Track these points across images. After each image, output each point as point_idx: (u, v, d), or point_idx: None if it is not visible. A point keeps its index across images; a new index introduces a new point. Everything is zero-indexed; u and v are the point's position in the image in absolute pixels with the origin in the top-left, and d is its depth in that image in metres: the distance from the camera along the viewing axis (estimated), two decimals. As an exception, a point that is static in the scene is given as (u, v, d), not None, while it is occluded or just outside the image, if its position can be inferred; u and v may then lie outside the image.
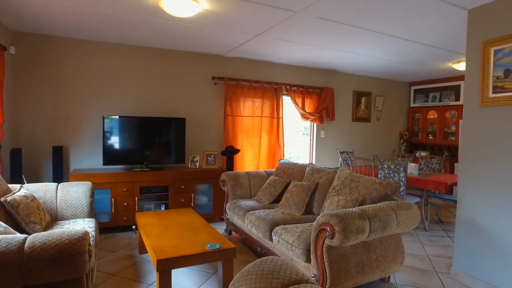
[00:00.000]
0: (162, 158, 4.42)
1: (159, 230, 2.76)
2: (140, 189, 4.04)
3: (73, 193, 3.00)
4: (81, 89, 4.18)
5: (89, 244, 1.82)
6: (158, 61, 4.57)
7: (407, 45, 4.07)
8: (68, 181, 3.87)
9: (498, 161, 2.63)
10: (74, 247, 1.70)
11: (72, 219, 2.92)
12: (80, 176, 3.71)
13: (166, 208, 4.20)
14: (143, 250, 3.28)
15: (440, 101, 6.52)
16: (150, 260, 3.17)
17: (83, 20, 3.41)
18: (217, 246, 2.38)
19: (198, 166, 4.59)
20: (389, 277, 2.81)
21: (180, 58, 4.70)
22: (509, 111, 2.55)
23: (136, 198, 4.01)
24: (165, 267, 2.19)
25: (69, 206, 2.95)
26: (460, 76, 5.93)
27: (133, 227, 3.98)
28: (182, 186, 4.26)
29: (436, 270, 3.08)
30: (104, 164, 4.09)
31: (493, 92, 2.61)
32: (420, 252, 3.54)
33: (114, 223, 3.93)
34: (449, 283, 2.83)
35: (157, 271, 2.17)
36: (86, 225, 2.69)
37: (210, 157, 4.66)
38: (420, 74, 6.18)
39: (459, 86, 6.12)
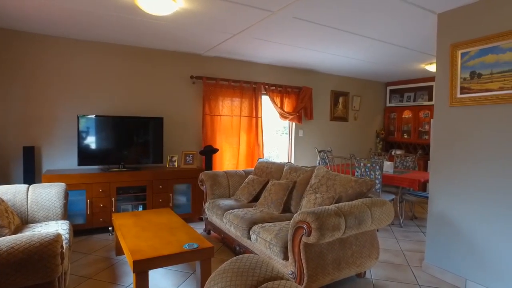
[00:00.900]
0: (139, 158, 4.34)
1: (136, 231, 2.71)
2: (117, 190, 3.96)
3: (45, 195, 2.90)
4: (55, 88, 4.04)
5: (62, 247, 1.77)
6: (135, 59, 4.49)
7: (382, 46, 4.19)
8: (40, 182, 3.74)
9: (466, 158, 2.75)
10: (45, 250, 1.65)
11: (44, 221, 2.82)
12: (53, 177, 3.60)
13: (144, 208, 4.14)
14: (119, 251, 3.22)
15: (414, 101, 6.74)
16: (127, 261, 3.11)
17: (56, 16, 3.30)
18: (195, 246, 2.37)
19: (176, 166, 4.54)
20: (364, 272, 2.89)
21: (157, 57, 4.63)
22: (475, 111, 2.67)
23: (112, 199, 3.92)
24: (142, 268, 2.16)
25: (41, 208, 2.85)
26: (432, 77, 6.13)
27: (109, 228, 3.89)
28: (160, 186, 4.20)
29: (410, 264, 3.19)
30: (79, 164, 3.97)
31: (461, 93, 2.73)
32: (394, 247, 3.65)
33: (90, 225, 3.83)
34: (421, 276, 2.94)
35: (133, 272, 2.14)
36: (59, 228, 2.61)
37: (189, 157, 4.63)
38: (395, 75, 6.36)
39: (431, 86, 6.34)
